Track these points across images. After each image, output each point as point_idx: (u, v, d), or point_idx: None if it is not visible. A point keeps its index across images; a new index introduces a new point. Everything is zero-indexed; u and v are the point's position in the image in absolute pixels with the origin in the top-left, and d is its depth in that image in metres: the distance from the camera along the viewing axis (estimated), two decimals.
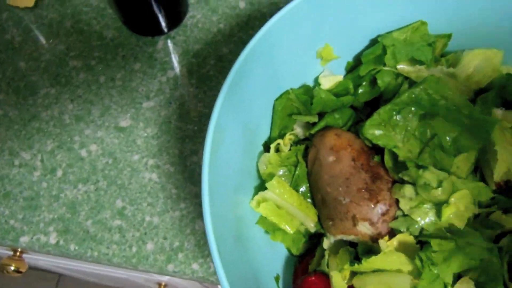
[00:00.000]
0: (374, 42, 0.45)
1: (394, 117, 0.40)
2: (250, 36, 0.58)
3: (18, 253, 0.64)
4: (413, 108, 0.40)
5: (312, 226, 0.41)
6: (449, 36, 0.44)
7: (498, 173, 0.37)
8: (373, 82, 0.44)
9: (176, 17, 0.59)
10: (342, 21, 0.42)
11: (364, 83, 0.44)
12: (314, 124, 0.43)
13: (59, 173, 0.51)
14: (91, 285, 1.21)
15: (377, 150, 0.41)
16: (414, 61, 0.42)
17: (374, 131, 0.40)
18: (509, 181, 0.38)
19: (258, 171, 0.42)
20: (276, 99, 0.42)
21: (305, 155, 0.42)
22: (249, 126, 0.41)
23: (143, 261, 0.48)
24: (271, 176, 0.40)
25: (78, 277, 1.10)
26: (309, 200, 0.42)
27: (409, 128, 0.40)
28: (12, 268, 0.63)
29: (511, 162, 0.36)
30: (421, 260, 0.34)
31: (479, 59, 0.41)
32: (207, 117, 0.54)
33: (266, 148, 0.43)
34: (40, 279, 1.36)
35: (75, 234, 0.49)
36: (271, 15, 0.59)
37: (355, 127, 0.44)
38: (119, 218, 0.49)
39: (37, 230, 0.49)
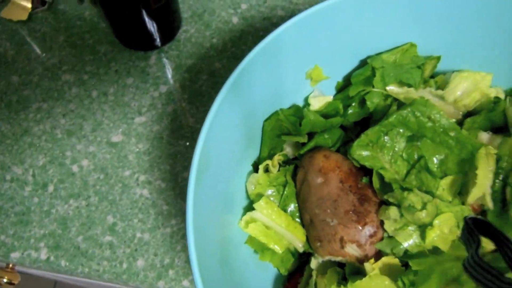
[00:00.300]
0: (363, 63, 0.45)
1: (382, 138, 0.41)
2: (243, 52, 0.59)
3: (10, 265, 0.64)
4: (401, 130, 0.41)
5: (300, 246, 0.41)
6: (438, 58, 0.44)
7: (473, 197, 0.37)
8: (363, 102, 0.44)
9: (169, 32, 0.59)
10: (332, 43, 0.43)
11: (353, 104, 0.44)
12: (304, 144, 0.43)
13: (51, 188, 0.52)
14: None
15: (366, 170, 0.42)
16: (403, 83, 0.43)
17: (361, 152, 0.40)
18: (483, 205, 0.39)
19: (246, 191, 0.42)
20: (266, 120, 0.43)
21: (294, 175, 0.43)
22: (238, 146, 0.41)
23: (134, 278, 0.48)
24: (260, 196, 0.40)
25: (74, 284, 1.10)
26: (297, 220, 0.42)
27: (396, 149, 0.41)
28: (5, 280, 0.63)
29: (487, 188, 0.37)
30: (403, 283, 0.35)
31: (467, 82, 0.41)
32: (199, 132, 0.54)
33: (256, 168, 0.43)
34: (36, 285, 1.36)
35: (66, 250, 0.49)
36: (263, 30, 0.60)
37: (345, 147, 0.44)
38: (110, 234, 0.49)
39: (28, 245, 0.49)
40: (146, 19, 0.54)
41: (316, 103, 0.44)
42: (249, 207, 0.42)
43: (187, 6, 0.62)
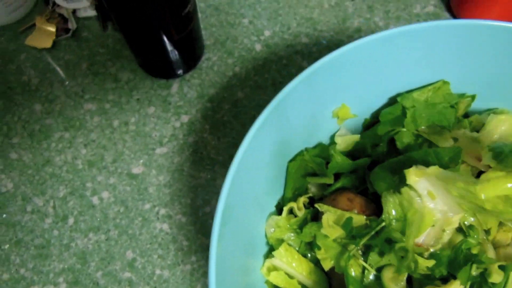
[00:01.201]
0: (392, 100, 0.43)
1: None
2: (266, 80, 0.58)
3: None
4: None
5: None
6: (473, 97, 0.42)
7: None
8: (391, 142, 0.42)
9: (191, 60, 0.58)
10: (360, 80, 0.41)
11: (381, 144, 0.42)
12: (329, 185, 0.42)
13: (71, 220, 0.51)
14: None
15: None
16: (436, 124, 0.41)
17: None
18: None
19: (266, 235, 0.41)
20: (290, 161, 0.41)
21: (313, 218, 0.41)
22: (263, 187, 0.40)
23: None
24: (278, 241, 0.39)
25: None
26: (319, 265, 0.40)
27: None
28: None
29: None
30: None
31: (506, 125, 0.39)
32: (220, 165, 0.53)
33: (279, 210, 0.42)
34: None
35: (85, 286, 0.48)
36: (287, 58, 0.59)
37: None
38: (129, 270, 0.49)
39: (47, 280, 0.49)
40: (168, 48, 0.54)
41: (343, 142, 0.42)
42: (270, 252, 0.40)
43: (209, 33, 0.61)
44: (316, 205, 0.38)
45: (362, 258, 0.36)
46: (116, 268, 0.49)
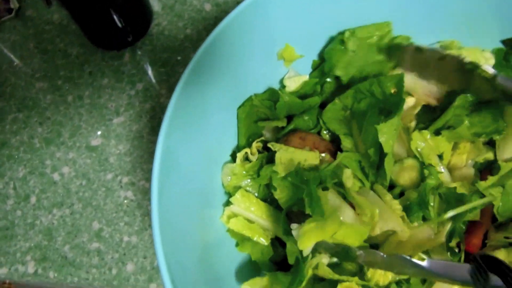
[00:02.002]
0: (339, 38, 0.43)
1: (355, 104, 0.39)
2: None
3: (7, 282, 0.63)
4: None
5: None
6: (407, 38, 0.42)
7: None
8: (338, 77, 0.42)
9: (140, 27, 0.57)
10: (303, 19, 0.40)
11: (329, 80, 0.42)
12: (283, 128, 0.41)
13: (33, 199, 0.50)
14: None
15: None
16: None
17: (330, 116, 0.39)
18: None
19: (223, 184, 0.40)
20: (239, 107, 0.41)
21: (268, 161, 0.41)
22: (213, 138, 0.39)
23: (125, 283, 0.47)
24: (236, 188, 0.39)
25: None
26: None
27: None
28: None
29: None
30: None
31: None
32: None
33: (234, 159, 0.41)
34: None
35: (53, 261, 0.48)
36: None
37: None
38: (96, 240, 0.48)
39: (15, 260, 0.48)
40: (115, 16, 0.52)
41: (292, 84, 0.42)
42: (229, 201, 0.40)
43: None
44: (269, 145, 0.38)
45: None
46: (84, 240, 0.48)
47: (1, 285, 0.64)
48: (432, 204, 0.35)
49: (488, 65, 0.39)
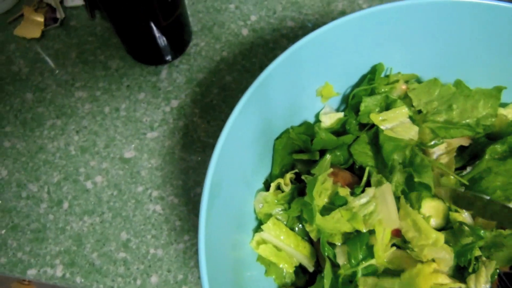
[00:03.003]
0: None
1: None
2: (253, 64, 0.59)
3: (27, 280, 0.65)
4: None
5: (310, 266, 0.41)
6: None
7: None
8: None
9: (179, 46, 0.59)
10: (342, 59, 0.42)
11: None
12: (315, 161, 0.43)
13: (65, 205, 0.52)
14: None
15: None
16: None
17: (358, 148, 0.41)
18: None
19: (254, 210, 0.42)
20: (276, 138, 0.43)
21: (300, 194, 0.42)
22: (250, 165, 0.41)
23: None
24: (267, 215, 0.41)
25: None
26: (306, 238, 0.42)
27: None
28: None
29: None
30: None
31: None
32: (210, 147, 0.55)
33: (267, 186, 0.43)
34: None
35: (81, 267, 0.50)
36: (274, 42, 0.60)
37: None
38: (124, 250, 0.50)
39: (44, 263, 0.50)
40: (156, 34, 0.55)
41: (327, 120, 0.44)
42: (259, 227, 0.42)
43: (196, 20, 0.62)
44: (303, 177, 0.40)
45: None
46: (111, 249, 0.50)
47: (21, 282, 0.66)
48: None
49: None
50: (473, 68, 0.44)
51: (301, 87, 0.42)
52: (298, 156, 0.43)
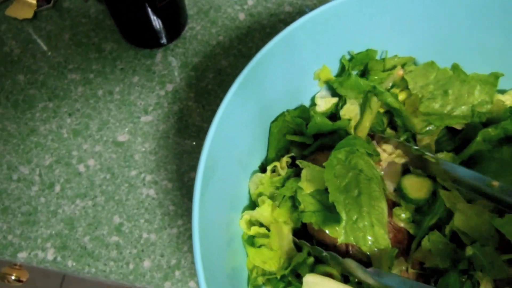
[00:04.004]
0: None
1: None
2: (250, 49, 0.58)
3: (18, 264, 0.65)
4: None
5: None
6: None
7: None
8: None
9: (174, 29, 0.58)
10: (341, 42, 0.42)
11: None
12: (310, 145, 0.43)
13: (57, 188, 0.52)
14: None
15: None
16: None
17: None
18: None
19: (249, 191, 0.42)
20: (272, 122, 0.42)
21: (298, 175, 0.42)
22: (245, 148, 0.41)
23: (140, 278, 0.48)
24: (261, 195, 0.40)
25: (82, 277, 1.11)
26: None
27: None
28: (13, 277, 0.63)
29: None
30: None
31: None
32: (205, 132, 0.54)
33: (262, 169, 0.43)
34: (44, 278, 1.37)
35: (72, 250, 0.49)
36: (271, 27, 0.59)
37: None
38: (116, 234, 0.49)
39: (35, 246, 0.49)
40: (152, 16, 0.54)
41: (323, 104, 0.43)
42: (251, 207, 0.41)
43: (192, 3, 0.61)
44: (297, 162, 0.39)
45: None
46: (104, 232, 0.50)
47: (12, 267, 0.66)
48: None
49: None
50: (471, 52, 0.43)
51: (298, 69, 0.41)
52: (292, 138, 0.42)
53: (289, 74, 0.41)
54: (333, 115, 0.44)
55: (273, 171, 0.42)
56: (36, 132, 0.54)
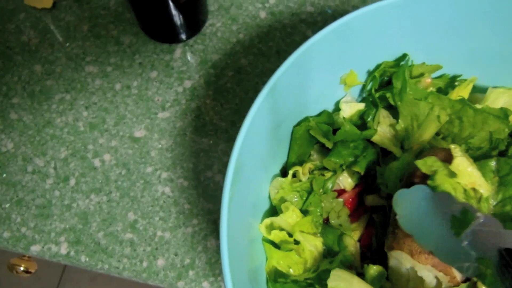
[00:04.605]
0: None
1: None
2: (270, 48, 0.57)
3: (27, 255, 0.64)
4: None
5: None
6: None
7: None
8: None
9: (195, 25, 0.58)
10: (368, 48, 0.41)
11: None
12: (328, 150, 0.42)
13: (72, 182, 0.51)
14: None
15: None
16: None
17: None
18: None
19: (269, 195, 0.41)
20: (295, 126, 0.42)
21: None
22: (269, 152, 0.40)
23: (154, 277, 0.48)
24: (282, 200, 0.40)
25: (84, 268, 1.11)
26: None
27: None
28: (22, 268, 0.63)
29: None
30: None
31: (505, 97, 0.39)
32: (222, 130, 0.53)
33: (283, 173, 0.42)
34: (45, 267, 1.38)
35: (86, 246, 0.49)
36: (291, 27, 0.58)
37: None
38: (130, 231, 0.49)
39: (48, 239, 0.49)
40: (173, 11, 0.53)
41: (348, 109, 0.43)
42: (271, 211, 0.41)
43: None
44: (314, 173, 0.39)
45: None
46: (118, 229, 0.49)
47: (21, 257, 0.65)
48: None
49: None
50: (496, 63, 0.42)
51: (325, 74, 0.40)
52: (317, 135, 0.41)
53: (315, 79, 0.40)
54: (355, 123, 0.44)
55: (294, 175, 0.42)
56: (52, 124, 0.54)
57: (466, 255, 0.32)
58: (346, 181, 0.42)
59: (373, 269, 0.36)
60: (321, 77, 0.40)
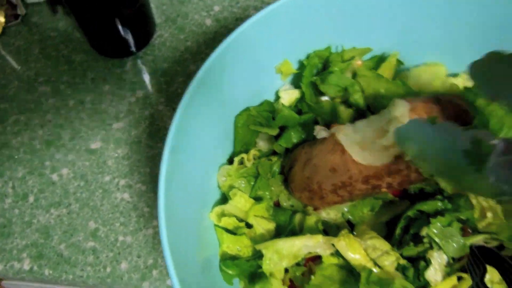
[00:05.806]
0: None
1: None
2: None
3: None
4: None
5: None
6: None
7: None
8: None
9: (143, 38, 0.60)
10: (301, 36, 0.43)
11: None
12: (276, 137, 0.44)
13: (31, 198, 0.52)
14: None
15: None
16: None
17: None
18: None
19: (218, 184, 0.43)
20: (237, 115, 0.43)
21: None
22: (212, 143, 0.42)
23: (118, 281, 0.48)
24: (230, 187, 0.41)
25: None
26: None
27: None
28: None
29: None
30: None
31: (427, 74, 0.42)
32: None
33: (230, 163, 0.44)
34: None
35: (49, 259, 0.49)
36: None
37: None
38: (92, 239, 0.50)
39: (11, 257, 0.49)
40: (119, 26, 0.55)
41: (286, 96, 0.45)
42: (222, 201, 0.42)
43: (160, 11, 0.62)
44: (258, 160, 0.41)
45: None
46: (79, 239, 0.50)
47: None
48: None
49: None
50: (421, 39, 0.45)
51: (258, 65, 0.42)
52: (257, 128, 0.43)
53: (250, 69, 0.42)
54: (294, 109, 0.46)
55: (241, 163, 0.43)
56: (7, 145, 0.54)
57: (501, 190, 0.24)
58: None
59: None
60: (255, 67, 0.42)
